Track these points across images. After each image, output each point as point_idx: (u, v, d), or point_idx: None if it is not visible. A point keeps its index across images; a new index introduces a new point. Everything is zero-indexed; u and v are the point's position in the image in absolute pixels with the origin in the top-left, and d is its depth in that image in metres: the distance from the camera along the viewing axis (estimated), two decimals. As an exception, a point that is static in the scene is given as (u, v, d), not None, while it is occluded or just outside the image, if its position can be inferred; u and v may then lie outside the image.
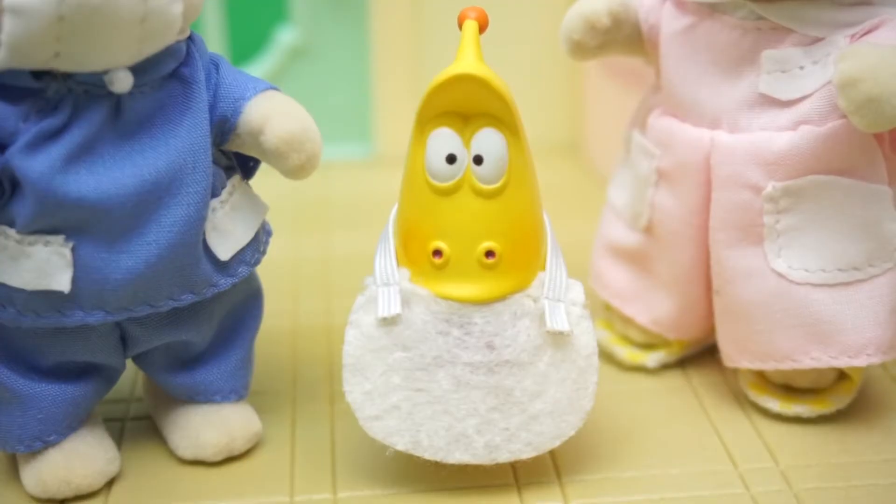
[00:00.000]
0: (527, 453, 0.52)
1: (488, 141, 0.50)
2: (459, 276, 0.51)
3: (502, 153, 0.51)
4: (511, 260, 0.51)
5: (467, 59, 0.50)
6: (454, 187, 0.51)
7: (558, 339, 0.52)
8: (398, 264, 0.53)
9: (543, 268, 0.53)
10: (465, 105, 0.50)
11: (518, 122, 0.51)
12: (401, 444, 0.52)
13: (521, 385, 0.52)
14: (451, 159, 0.51)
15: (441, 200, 0.51)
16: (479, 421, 0.52)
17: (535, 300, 0.52)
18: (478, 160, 0.51)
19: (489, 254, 0.51)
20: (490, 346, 0.51)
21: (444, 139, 0.51)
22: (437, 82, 0.50)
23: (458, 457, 0.52)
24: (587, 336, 0.53)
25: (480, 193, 0.51)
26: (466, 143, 0.51)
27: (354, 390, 0.53)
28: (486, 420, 0.52)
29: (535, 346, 0.52)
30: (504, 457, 0.52)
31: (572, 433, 0.53)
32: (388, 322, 0.52)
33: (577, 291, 0.53)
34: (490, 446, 0.52)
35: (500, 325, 0.51)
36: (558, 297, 0.52)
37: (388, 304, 0.52)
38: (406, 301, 0.52)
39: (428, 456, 0.52)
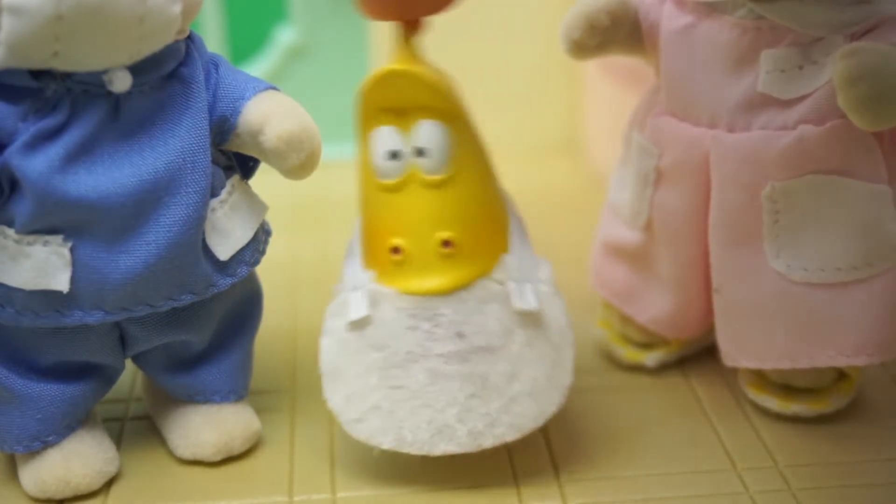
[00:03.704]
0: (510, 435, 0.52)
1: (428, 132, 0.51)
2: (420, 269, 0.52)
3: (444, 143, 0.51)
4: (469, 247, 0.52)
5: (398, 56, 0.51)
6: (402, 183, 0.52)
7: (528, 319, 0.52)
8: (364, 268, 0.53)
9: (507, 250, 0.53)
10: (401, 101, 0.51)
11: (458, 110, 0.51)
12: (385, 442, 0.52)
13: (495, 369, 0.52)
14: (394, 155, 0.52)
15: (391, 197, 0.52)
16: (460, 410, 0.52)
17: (501, 283, 0.52)
18: (420, 152, 0.51)
19: (446, 243, 0.51)
20: (460, 335, 0.52)
21: (384, 137, 0.52)
22: (369, 82, 0.51)
23: (443, 448, 0.52)
24: (558, 312, 0.53)
25: (428, 185, 0.51)
26: (407, 137, 0.51)
27: (334, 396, 0.53)
28: (466, 408, 0.52)
29: (506, 328, 0.52)
30: (489, 442, 0.52)
31: (554, 410, 0.53)
32: (359, 325, 0.53)
33: (544, 270, 0.53)
34: (474, 433, 0.52)
35: (466, 313, 0.52)
36: (525, 278, 0.52)
37: (357, 307, 0.53)
38: (374, 302, 0.52)
39: (414, 451, 0.52)
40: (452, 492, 0.54)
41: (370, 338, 0.52)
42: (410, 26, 0.52)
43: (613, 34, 0.59)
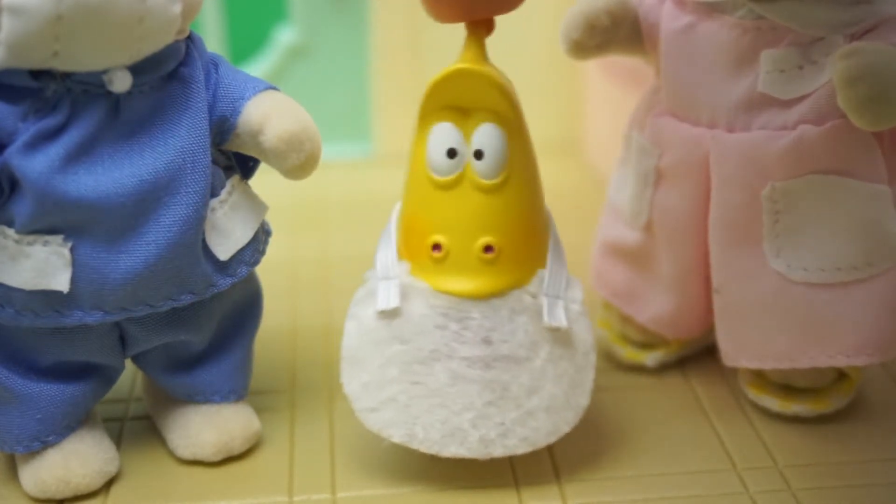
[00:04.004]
0: (522, 448, 0.52)
1: (489, 136, 0.51)
2: (458, 270, 0.52)
3: (502, 149, 0.51)
4: (510, 255, 0.52)
5: (469, 56, 0.51)
6: (454, 181, 0.51)
7: (556, 336, 0.52)
8: (399, 258, 0.53)
9: (544, 265, 0.53)
10: (467, 100, 0.51)
11: (519, 119, 0.51)
12: (396, 436, 0.52)
13: (517, 380, 0.52)
14: (452, 154, 0.51)
15: (441, 194, 0.52)
16: (475, 415, 0.52)
17: (534, 296, 0.52)
18: (478, 155, 0.51)
19: (488, 248, 0.51)
20: (487, 342, 0.52)
21: (445, 133, 0.51)
22: (439, 77, 0.51)
23: (452, 450, 0.52)
24: (585, 333, 0.53)
25: (480, 188, 0.51)
26: (467, 138, 0.51)
27: (352, 382, 0.53)
28: (481, 414, 0.52)
29: (533, 341, 0.52)
30: (499, 451, 0.52)
31: (567, 430, 0.53)
32: (387, 315, 0.52)
33: (576, 289, 0.54)
34: (485, 440, 0.52)
35: (497, 321, 0.52)
36: (557, 294, 0.52)
37: (388, 298, 0.52)
38: (405, 294, 0.52)
39: (423, 449, 0.52)
40: (453, 492, 0.54)
41: (396, 329, 0.52)
42: (480, 26, 0.51)
43: (613, 34, 0.59)
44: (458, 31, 0.52)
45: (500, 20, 0.53)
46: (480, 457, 0.52)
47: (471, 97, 0.51)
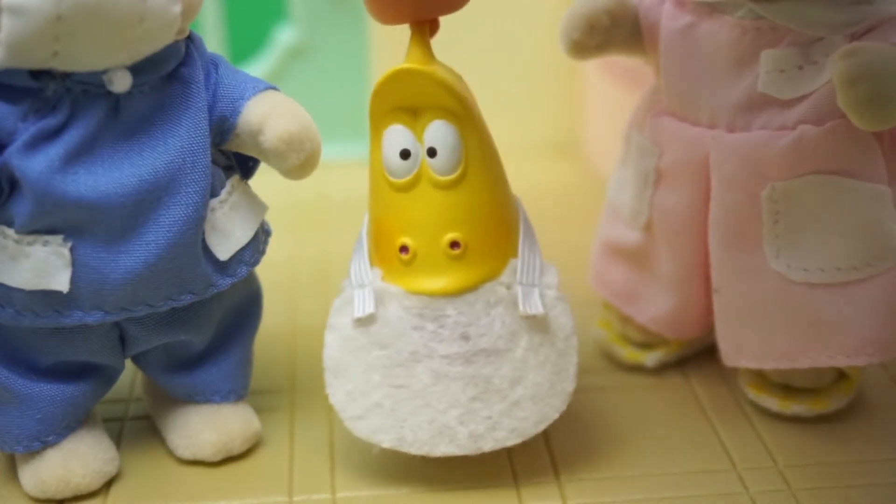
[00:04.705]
0: (511, 440, 0.52)
1: (439, 133, 0.51)
2: (428, 269, 0.52)
3: (455, 143, 0.51)
4: (478, 249, 0.52)
5: (413, 56, 0.51)
6: (412, 182, 0.52)
7: (534, 324, 0.52)
8: (371, 266, 0.53)
9: (516, 254, 0.53)
10: (413, 100, 0.51)
11: (470, 112, 0.51)
12: (386, 441, 0.53)
13: (499, 372, 0.52)
14: (405, 154, 0.51)
15: (401, 196, 0.52)
16: (462, 412, 0.52)
17: (508, 287, 0.52)
18: (431, 153, 0.51)
19: (454, 244, 0.51)
20: (465, 337, 0.52)
21: (396, 135, 0.52)
22: (382, 80, 0.51)
23: (443, 449, 0.52)
24: (564, 318, 0.53)
25: (438, 185, 0.51)
26: (419, 137, 0.51)
27: (337, 392, 0.53)
28: (467, 410, 0.52)
29: (511, 332, 0.52)
30: (489, 445, 0.52)
31: (556, 416, 0.53)
32: (364, 322, 0.53)
33: (551, 275, 0.53)
34: (474, 436, 0.52)
35: (473, 316, 0.52)
36: (532, 282, 0.52)
37: (363, 305, 0.53)
38: (380, 300, 0.52)
39: (413, 451, 0.52)
40: (452, 492, 0.54)
41: (375, 335, 0.52)
42: (424, 27, 0.52)
43: (613, 34, 0.59)
44: (458, 31, 0.52)
45: (500, 20, 0.53)
46: (471, 452, 0.52)
47: (417, 97, 0.51)
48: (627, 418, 0.59)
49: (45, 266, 0.49)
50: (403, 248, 0.52)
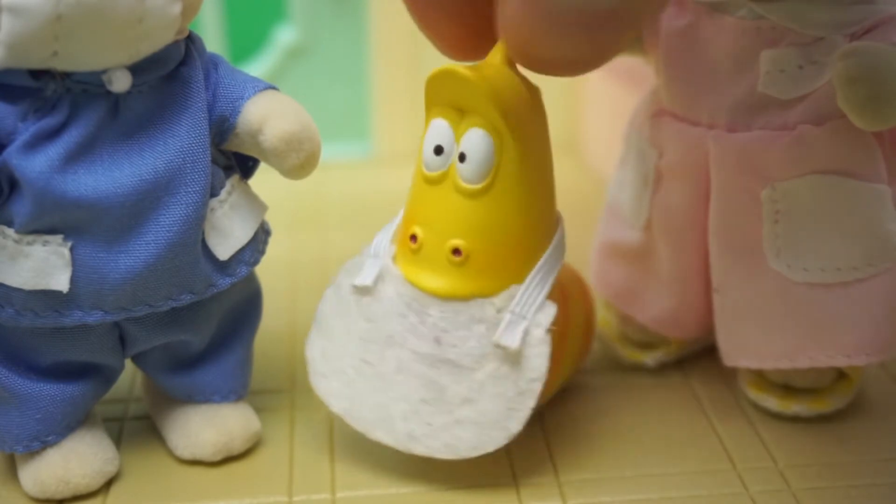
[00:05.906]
0: (442, 454, 0.52)
1: (474, 140, 0.51)
2: (428, 265, 0.52)
3: (486, 156, 0.50)
4: (479, 263, 0.51)
5: (489, 58, 0.51)
6: (439, 178, 0.52)
7: (505, 355, 0.51)
8: (392, 242, 0.54)
9: (521, 280, 0.51)
10: (461, 101, 0.51)
11: (515, 129, 0.50)
12: (336, 406, 0.54)
13: (455, 387, 0.52)
14: (439, 150, 0.51)
15: (427, 188, 0.52)
16: (407, 409, 0.52)
17: (499, 310, 0.51)
18: (462, 157, 0.51)
19: (456, 251, 0.51)
20: (437, 341, 0.52)
21: (437, 129, 0.52)
22: (432, 74, 0.51)
23: (378, 435, 0.53)
24: (539, 361, 0.51)
25: (460, 191, 0.51)
26: (458, 138, 0.51)
27: (314, 346, 0.55)
28: (414, 409, 0.52)
29: (482, 354, 0.51)
30: (420, 450, 0.52)
31: (491, 450, 0.52)
32: (361, 291, 0.53)
33: (546, 314, 0.52)
34: (410, 436, 0.52)
35: (454, 324, 0.52)
36: (523, 315, 0.51)
37: (366, 275, 0.53)
38: (382, 277, 0.53)
39: (355, 426, 0.54)
40: (452, 492, 0.54)
41: (365, 308, 0.53)
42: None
43: (613, 34, 0.59)
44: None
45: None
46: (403, 449, 0.53)
47: (463, 99, 0.50)
48: (627, 418, 0.59)
49: (44, 266, 0.49)
50: (413, 237, 0.52)
